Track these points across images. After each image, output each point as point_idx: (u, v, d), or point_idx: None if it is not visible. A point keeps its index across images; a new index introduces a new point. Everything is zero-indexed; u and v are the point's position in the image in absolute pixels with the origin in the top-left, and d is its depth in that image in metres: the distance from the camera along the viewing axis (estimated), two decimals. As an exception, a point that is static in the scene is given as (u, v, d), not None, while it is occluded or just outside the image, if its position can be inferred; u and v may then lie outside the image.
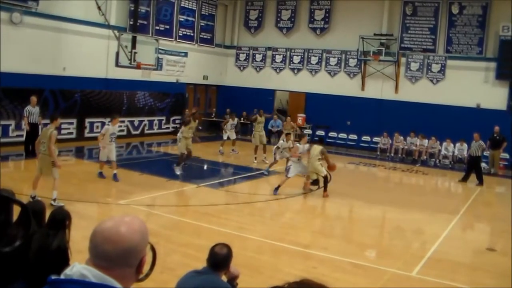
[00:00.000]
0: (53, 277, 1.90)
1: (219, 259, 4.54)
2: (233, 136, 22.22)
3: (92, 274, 1.86)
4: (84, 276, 1.86)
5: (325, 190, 15.32)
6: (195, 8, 28.00)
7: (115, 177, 14.86)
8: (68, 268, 1.91)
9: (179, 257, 8.86)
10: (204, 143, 21.56)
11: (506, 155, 23.13)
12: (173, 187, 15.15)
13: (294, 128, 22.55)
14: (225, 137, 21.95)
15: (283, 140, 17.41)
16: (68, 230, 5.27)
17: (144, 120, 24.97)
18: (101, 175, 15.22)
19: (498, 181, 21.38)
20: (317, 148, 15.63)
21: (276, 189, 15.19)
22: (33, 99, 18.24)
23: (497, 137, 21.60)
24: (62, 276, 1.89)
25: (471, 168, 19.96)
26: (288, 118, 22.89)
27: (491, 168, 22.28)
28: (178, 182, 15.72)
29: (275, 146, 17.99)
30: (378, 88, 26.49)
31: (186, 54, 27.63)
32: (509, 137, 21.94)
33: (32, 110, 18.09)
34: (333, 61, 27.90)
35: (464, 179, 19.79)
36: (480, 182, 19.39)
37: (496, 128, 21.61)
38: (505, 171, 22.82)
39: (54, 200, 11.71)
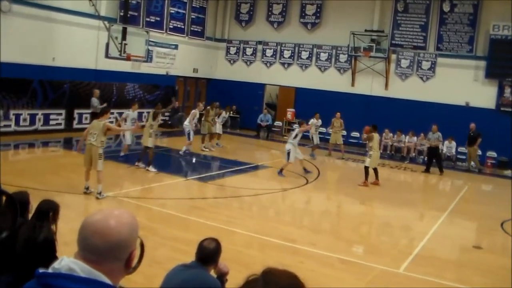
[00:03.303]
0: (41, 270, 1.87)
1: (208, 253, 4.53)
2: (219, 130, 22.14)
3: (80, 268, 1.84)
4: (72, 270, 1.83)
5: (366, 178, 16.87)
6: (186, 1, 27.85)
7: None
8: (56, 261, 1.88)
9: (167, 250, 8.84)
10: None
11: (494, 154, 23.26)
12: (161, 180, 15.10)
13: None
14: (217, 130, 22.01)
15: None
16: (55, 222, 5.23)
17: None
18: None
19: (486, 180, 21.49)
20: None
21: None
22: (96, 91, 20.90)
23: (472, 134, 21.76)
24: (50, 270, 1.86)
25: (431, 158, 20.98)
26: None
27: (469, 165, 22.45)
28: (167, 175, 15.68)
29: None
30: (368, 84, 26.53)
31: (176, 47, 27.51)
32: (497, 136, 22.09)
33: (96, 102, 20.14)
34: (323, 56, 27.90)
35: (427, 170, 20.78)
36: (441, 171, 20.55)
37: (472, 125, 21.79)
38: (492, 170, 22.94)
39: (100, 193, 11.90)
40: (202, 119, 20.71)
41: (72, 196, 11.92)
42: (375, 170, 17.15)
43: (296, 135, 17.05)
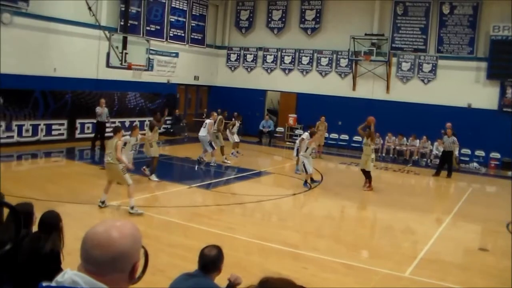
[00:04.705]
0: (44, 284, 1.87)
1: (209, 261, 4.52)
2: (237, 139, 22.02)
3: (84, 280, 1.84)
4: (76, 283, 1.83)
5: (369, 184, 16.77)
6: (186, 9, 27.93)
7: None
8: (60, 274, 1.88)
9: (169, 258, 8.82)
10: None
11: (498, 155, 23.24)
12: (164, 188, 15.10)
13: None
14: (236, 139, 21.78)
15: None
16: (61, 233, 5.24)
17: (135, 121, 24.86)
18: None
19: (490, 181, 21.47)
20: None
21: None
22: (102, 101, 20.60)
23: (445, 133, 21.60)
24: (53, 283, 1.86)
25: (443, 162, 20.81)
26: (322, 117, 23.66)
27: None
28: (170, 183, 15.67)
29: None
30: (369, 88, 26.52)
31: (177, 55, 27.56)
32: (501, 137, 22.07)
33: (102, 111, 20.20)
34: (324, 61, 27.92)
35: (437, 174, 20.70)
36: (449, 175, 20.49)
37: (448, 125, 21.58)
38: (496, 171, 22.93)
39: (132, 207, 11.63)
40: (216, 129, 20.13)
41: (76, 206, 11.90)
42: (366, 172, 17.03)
43: (307, 148, 16.76)
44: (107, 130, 21.99)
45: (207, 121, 19.46)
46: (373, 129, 17.20)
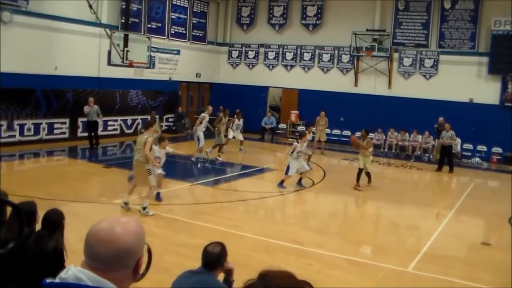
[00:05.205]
0: (48, 280, 1.86)
1: (213, 258, 4.51)
2: (240, 137, 21.92)
3: (88, 277, 1.83)
4: (80, 279, 1.82)
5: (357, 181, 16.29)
6: (187, 6, 27.90)
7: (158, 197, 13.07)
8: (63, 271, 1.87)
9: (173, 256, 8.82)
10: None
11: (500, 150, 23.20)
12: (167, 185, 15.05)
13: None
14: (230, 136, 21.58)
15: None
16: (63, 231, 5.24)
17: (137, 119, 24.87)
18: (158, 196, 12.98)
19: (492, 176, 21.43)
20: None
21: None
22: (90, 99, 20.36)
23: (439, 128, 21.61)
24: (57, 280, 1.85)
25: (443, 157, 20.75)
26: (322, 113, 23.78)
27: (435, 157, 22.40)
28: (173, 180, 15.65)
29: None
30: (371, 84, 26.48)
31: (178, 52, 27.54)
32: (503, 131, 22.02)
33: (89, 110, 20.01)
34: (326, 57, 27.87)
35: (439, 169, 20.63)
36: (451, 170, 20.43)
37: (440, 119, 21.57)
38: (498, 165, 22.89)
39: (144, 208, 11.50)
40: (215, 126, 19.98)
41: (78, 204, 11.92)
42: (363, 173, 16.58)
43: (294, 150, 15.65)
44: (110, 128, 22.13)
45: (201, 115, 19.55)
46: (364, 142, 16.70)
